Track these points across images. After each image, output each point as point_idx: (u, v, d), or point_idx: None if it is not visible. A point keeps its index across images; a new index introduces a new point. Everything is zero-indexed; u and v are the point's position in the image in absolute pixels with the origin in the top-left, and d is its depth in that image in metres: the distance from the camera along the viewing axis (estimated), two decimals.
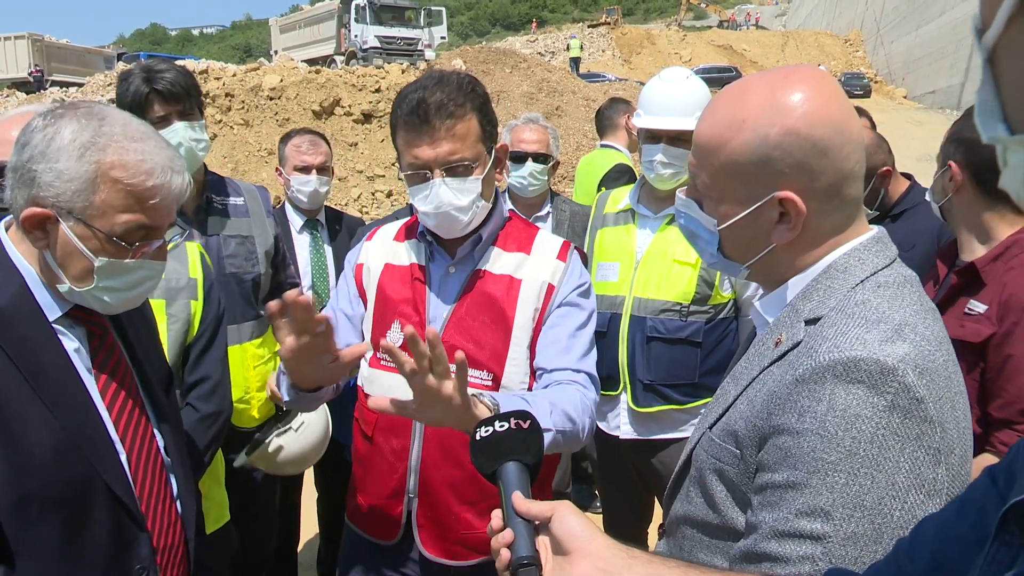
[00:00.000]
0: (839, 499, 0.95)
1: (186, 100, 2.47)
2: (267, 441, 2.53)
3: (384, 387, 1.80)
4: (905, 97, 36.26)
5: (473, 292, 1.81)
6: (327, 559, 3.54)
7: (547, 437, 1.50)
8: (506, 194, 3.48)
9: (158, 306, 2.04)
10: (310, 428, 2.63)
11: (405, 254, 1.91)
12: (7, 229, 1.39)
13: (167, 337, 2.03)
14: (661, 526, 1.36)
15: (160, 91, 2.42)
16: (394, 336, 1.82)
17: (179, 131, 2.45)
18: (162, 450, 1.49)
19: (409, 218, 2.00)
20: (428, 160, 1.72)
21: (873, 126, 3.54)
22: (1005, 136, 0.56)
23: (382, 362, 1.84)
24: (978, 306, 1.92)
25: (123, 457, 1.37)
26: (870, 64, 44.02)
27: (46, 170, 1.28)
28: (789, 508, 0.98)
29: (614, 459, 2.78)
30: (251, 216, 2.69)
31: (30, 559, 1.23)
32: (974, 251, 2.05)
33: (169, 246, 1.50)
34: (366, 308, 1.93)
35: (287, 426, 2.57)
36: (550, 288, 1.82)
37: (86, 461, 1.29)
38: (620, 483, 2.82)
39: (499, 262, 1.84)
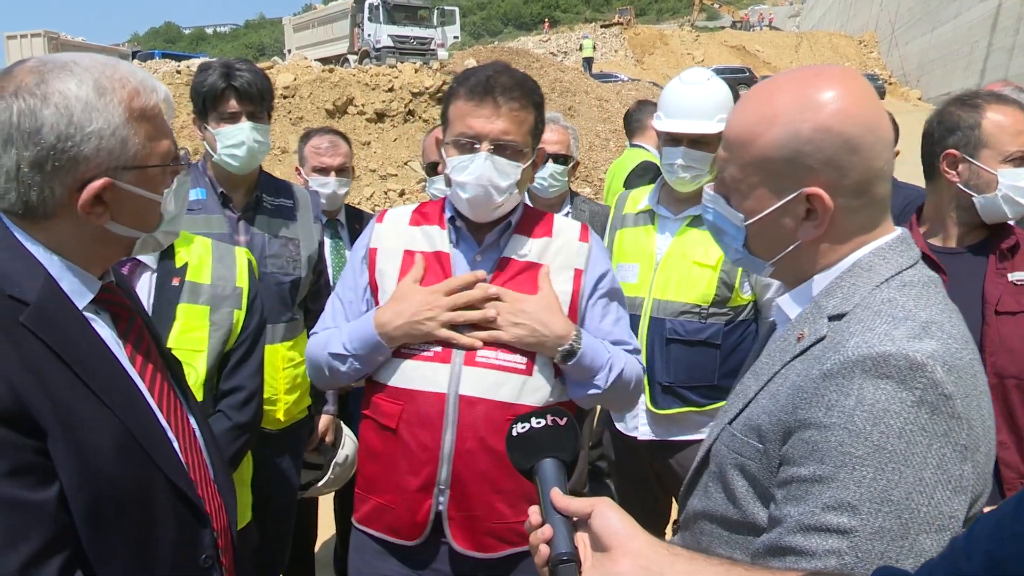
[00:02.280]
0: (866, 493, 0.96)
1: (259, 102, 2.53)
2: (327, 476, 2.89)
3: (411, 375, 1.80)
4: (920, 99, 36.00)
5: (500, 280, 1.83)
6: (343, 556, 3.56)
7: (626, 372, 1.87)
8: (525, 194, 3.49)
9: (202, 312, 2.02)
10: (350, 455, 2.97)
11: (425, 240, 1.89)
12: (11, 222, 1.22)
13: (208, 344, 2.02)
14: (675, 522, 1.37)
15: (236, 88, 2.48)
16: None
17: (245, 130, 2.49)
18: (197, 433, 1.43)
19: (419, 204, 2.01)
20: (480, 132, 1.76)
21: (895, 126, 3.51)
22: None
23: (413, 351, 1.81)
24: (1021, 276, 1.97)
25: (176, 446, 1.31)
26: (884, 65, 43.76)
27: (85, 140, 1.15)
28: (815, 502, 0.99)
29: (632, 460, 2.78)
30: (299, 220, 2.71)
31: (110, 568, 1.16)
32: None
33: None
34: (376, 296, 1.90)
35: (333, 462, 2.92)
36: (577, 272, 1.88)
37: (147, 457, 1.22)
38: (637, 483, 2.83)
39: (523, 248, 1.87)
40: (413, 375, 1.80)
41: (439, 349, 1.80)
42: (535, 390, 1.80)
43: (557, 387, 1.85)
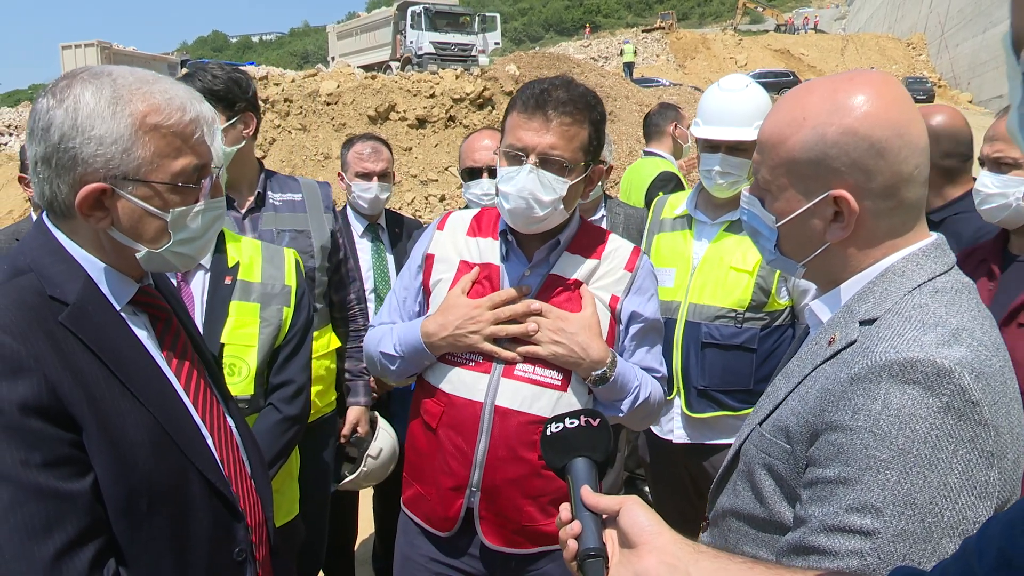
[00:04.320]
0: (890, 496, 0.97)
1: None
2: (361, 468, 2.91)
3: (454, 382, 1.86)
4: (971, 102, 35.12)
5: (543, 297, 1.86)
6: (382, 555, 3.62)
7: (642, 395, 1.90)
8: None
9: (252, 309, 2.10)
10: (385, 449, 2.99)
11: (478, 252, 1.93)
12: (55, 225, 1.27)
13: (258, 339, 2.09)
14: (704, 519, 1.39)
15: None
16: None
17: None
18: (234, 431, 1.47)
19: (478, 211, 2.03)
20: (528, 145, 1.78)
21: None
22: None
23: (458, 359, 1.88)
24: None
25: (210, 442, 1.35)
26: (934, 68, 42.79)
27: (85, 143, 1.19)
28: (839, 503, 1.00)
29: (667, 462, 2.80)
30: (308, 211, 2.75)
31: (143, 560, 1.20)
32: None
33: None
34: (428, 301, 1.95)
35: (365, 454, 2.94)
36: (614, 299, 1.90)
37: (180, 452, 1.26)
38: (672, 486, 2.84)
39: (572, 267, 1.89)
40: (455, 381, 1.86)
41: (481, 359, 1.84)
42: (569, 406, 1.82)
43: (590, 405, 1.89)
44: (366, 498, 3.65)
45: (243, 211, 2.63)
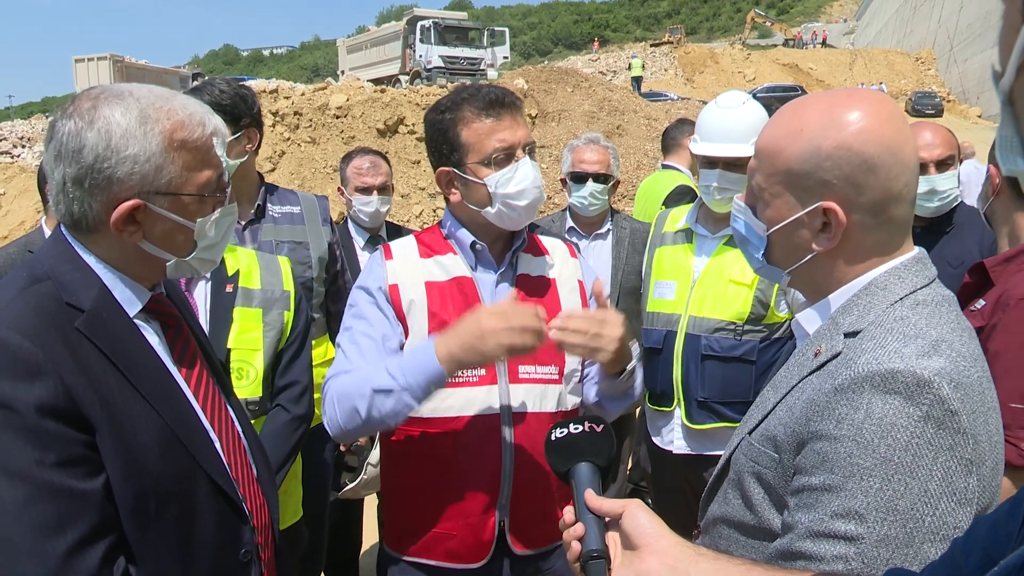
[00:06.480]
0: (873, 503, 1.00)
1: None
2: (361, 476, 2.89)
3: (462, 403, 1.82)
4: (980, 116, 35.10)
5: (523, 295, 1.87)
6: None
7: None
8: (567, 213, 3.58)
9: (255, 315, 2.17)
10: None
11: (441, 269, 1.90)
12: (71, 235, 1.32)
13: (263, 344, 2.16)
14: (696, 526, 1.42)
15: None
16: None
17: None
18: (241, 435, 1.50)
19: (410, 236, 2.02)
20: (514, 142, 1.85)
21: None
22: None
23: (458, 379, 1.79)
24: (980, 303, 1.93)
25: (217, 446, 1.38)
26: (943, 83, 42.81)
27: (120, 163, 1.24)
28: (825, 510, 1.03)
29: (667, 472, 2.83)
30: (307, 223, 2.81)
31: (151, 559, 1.23)
32: None
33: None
34: (407, 331, 1.87)
35: (365, 462, 2.92)
36: (580, 284, 2.01)
37: (189, 455, 1.30)
38: (673, 495, 2.86)
39: (531, 265, 1.98)
40: (465, 401, 1.83)
41: (483, 373, 1.83)
42: (568, 396, 1.94)
43: (578, 392, 1.99)
44: (371, 507, 3.67)
45: (243, 223, 2.69)
